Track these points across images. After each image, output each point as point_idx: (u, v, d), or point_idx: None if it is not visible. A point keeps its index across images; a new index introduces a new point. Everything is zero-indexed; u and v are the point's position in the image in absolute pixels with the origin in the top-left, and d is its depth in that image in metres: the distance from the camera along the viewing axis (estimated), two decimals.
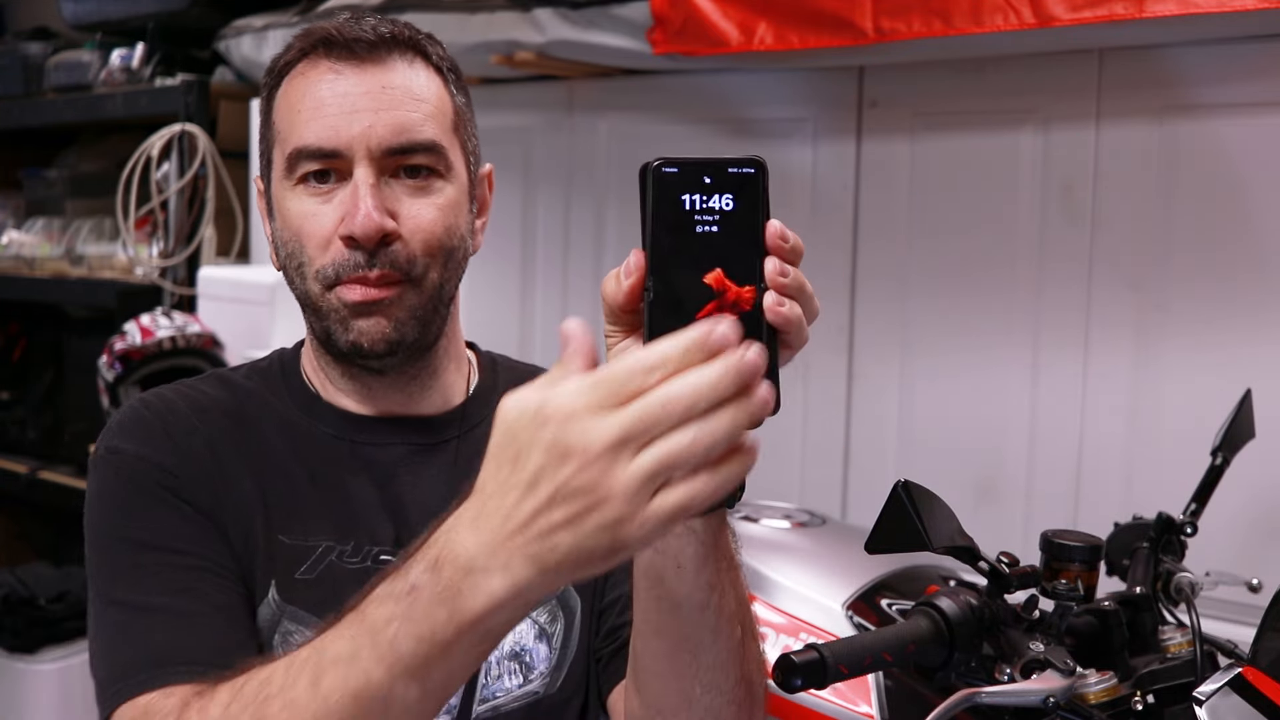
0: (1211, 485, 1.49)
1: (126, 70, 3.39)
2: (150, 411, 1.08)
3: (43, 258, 3.62)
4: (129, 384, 2.96)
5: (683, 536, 0.84)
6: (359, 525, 1.08)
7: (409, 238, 1.05)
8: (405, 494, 1.11)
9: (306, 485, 1.09)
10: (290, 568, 1.05)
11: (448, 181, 1.08)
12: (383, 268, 1.04)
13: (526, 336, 2.82)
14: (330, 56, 1.05)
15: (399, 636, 0.72)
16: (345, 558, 1.06)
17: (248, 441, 1.09)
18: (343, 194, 1.05)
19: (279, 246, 1.11)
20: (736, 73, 2.42)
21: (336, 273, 1.05)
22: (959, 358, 2.23)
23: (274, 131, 1.10)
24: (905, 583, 1.57)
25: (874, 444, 2.33)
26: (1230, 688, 1.09)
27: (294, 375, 1.16)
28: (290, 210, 1.07)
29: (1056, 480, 2.14)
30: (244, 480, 1.06)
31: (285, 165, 1.06)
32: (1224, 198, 1.97)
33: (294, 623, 1.03)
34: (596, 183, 2.70)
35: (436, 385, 1.15)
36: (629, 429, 0.63)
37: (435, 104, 1.08)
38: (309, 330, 1.13)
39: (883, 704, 1.41)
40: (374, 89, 1.04)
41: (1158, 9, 1.72)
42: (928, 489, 1.07)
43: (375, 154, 1.04)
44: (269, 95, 1.11)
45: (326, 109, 1.04)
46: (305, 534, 1.06)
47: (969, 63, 2.19)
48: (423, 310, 1.08)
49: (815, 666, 1.00)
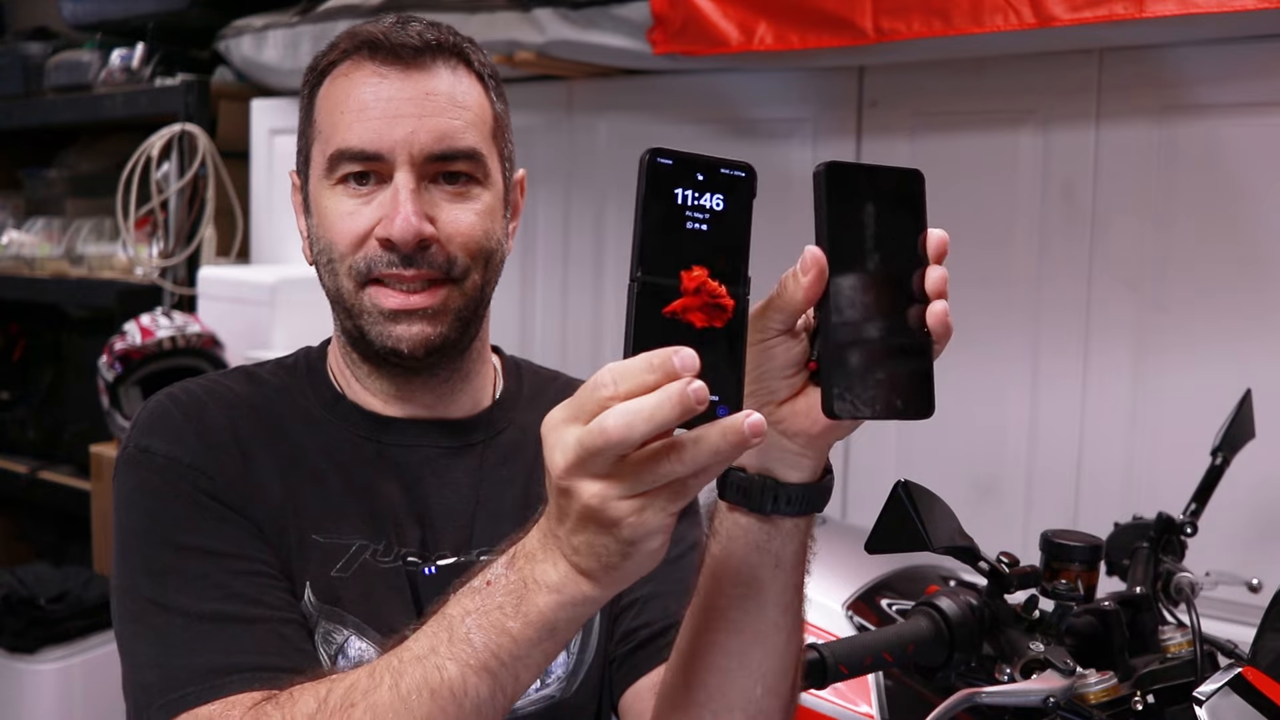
0: (1211, 485, 1.49)
1: (126, 70, 3.39)
2: (179, 409, 1.07)
3: (43, 258, 3.62)
4: (129, 384, 2.96)
5: (787, 534, 0.85)
6: (388, 525, 1.08)
7: (447, 242, 1.05)
8: (431, 497, 1.10)
9: (336, 484, 1.08)
10: (325, 567, 1.05)
11: (485, 188, 1.09)
12: (419, 268, 1.04)
13: (527, 336, 2.82)
14: (375, 60, 1.05)
15: (472, 629, 0.76)
16: (379, 556, 1.06)
17: (275, 439, 1.08)
18: (382, 196, 1.05)
19: (314, 242, 1.11)
20: (736, 73, 2.42)
21: (369, 266, 1.05)
22: (959, 357, 2.22)
23: (315, 129, 1.10)
24: (905, 583, 1.57)
25: (874, 444, 2.33)
26: (1230, 688, 1.09)
27: (320, 374, 1.16)
28: (328, 209, 1.07)
29: (1056, 480, 2.14)
30: (274, 479, 1.06)
31: (326, 165, 1.06)
32: (1224, 198, 1.97)
33: (332, 622, 1.03)
34: (596, 183, 2.69)
35: (467, 388, 1.15)
36: (584, 448, 0.66)
37: (477, 111, 1.08)
38: (338, 328, 1.12)
39: (883, 704, 1.41)
40: (418, 95, 1.05)
41: (1158, 9, 1.72)
42: (928, 489, 1.07)
43: (417, 160, 1.04)
44: (310, 93, 1.11)
45: (370, 112, 1.04)
46: (339, 532, 1.06)
47: (969, 63, 2.19)
48: (465, 311, 1.08)
49: (815, 666, 1.00)
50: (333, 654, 1.02)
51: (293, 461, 1.08)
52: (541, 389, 1.22)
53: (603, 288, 2.72)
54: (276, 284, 2.92)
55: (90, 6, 3.45)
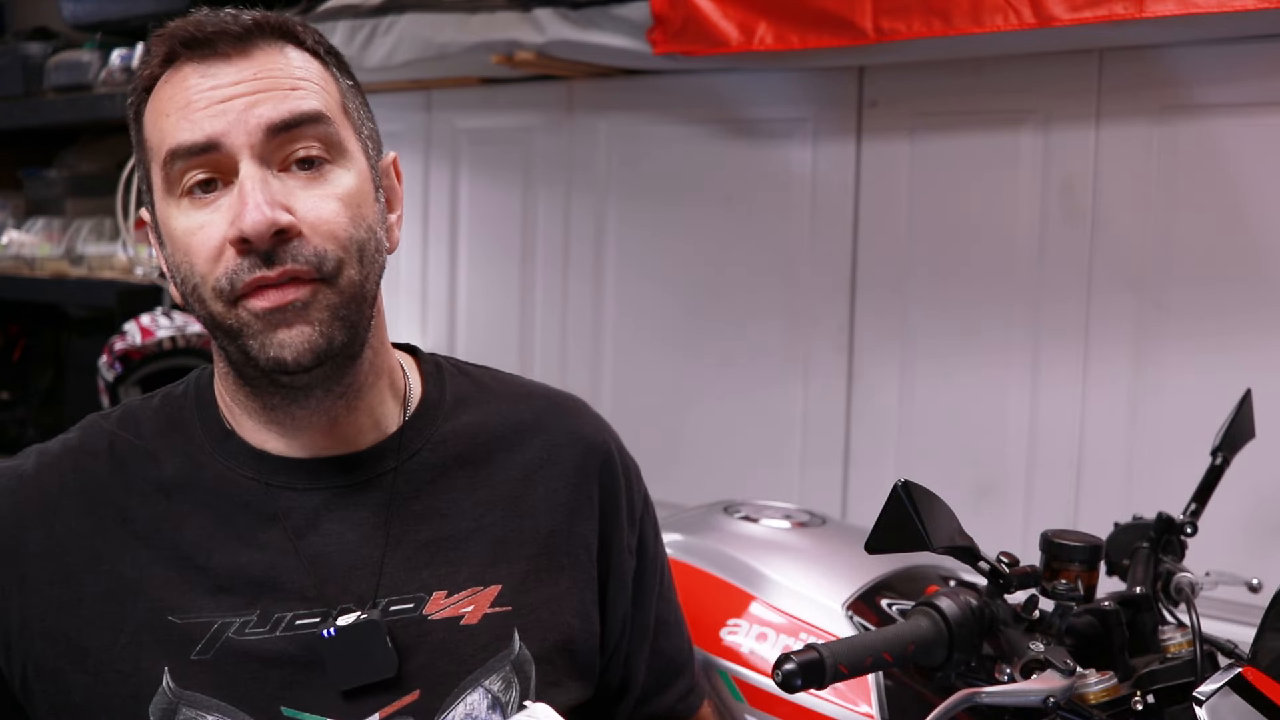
0: (1211, 485, 1.49)
1: (126, 70, 3.39)
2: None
3: (43, 258, 3.62)
4: (129, 384, 2.95)
5: None
6: (265, 589, 0.98)
7: (310, 233, 0.93)
8: (329, 543, 1.00)
9: (204, 552, 0.98)
10: (184, 650, 0.96)
11: (344, 169, 0.97)
12: (283, 264, 0.92)
13: (526, 336, 2.82)
14: (195, 58, 0.95)
15: None
16: (248, 630, 0.97)
17: (121, 517, 0.99)
18: (230, 199, 0.93)
19: (174, 272, 0.98)
20: (736, 73, 2.42)
21: (231, 281, 0.92)
22: (959, 357, 2.23)
23: (147, 149, 0.98)
24: (905, 583, 1.57)
25: (874, 444, 2.33)
26: (1230, 688, 1.09)
27: (209, 405, 1.05)
28: (177, 228, 0.95)
29: (1056, 480, 2.14)
30: (118, 564, 0.97)
31: (163, 177, 0.95)
32: (1224, 198, 1.98)
33: (192, 708, 0.95)
34: (596, 183, 2.69)
35: (363, 405, 1.02)
36: None
37: (317, 82, 0.97)
38: (220, 358, 1.01)
39: (883, 704, 1.41)
40: (246, 77, 0.94)
41: (1158, 9, 1.72)
42: (928, 489, 1.07)
43: (256, 138, 0.93)
44: (137, 115, 1.00)
45: (196, 104, 0.93)
46: (198, 609, 0.97)
47: (969, 63, 2.19)
48: (345, 311, 0.95)
49: (815, 666, 1.00)
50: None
51: (151, 535, 0.98)
52: (469, 393, 1.11)
53: (603, 288, 2.72)
54: None
55: (90, 6, 3.45)
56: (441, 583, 1.01)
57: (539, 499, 1.07)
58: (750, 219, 2.45)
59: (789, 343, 2.43)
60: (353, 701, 0.96)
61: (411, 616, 0.99)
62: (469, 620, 1.01)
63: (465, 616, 1.01)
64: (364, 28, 2.54)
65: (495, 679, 1.01)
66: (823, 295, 2.39)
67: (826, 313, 2.39)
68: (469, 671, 1.00)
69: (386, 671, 0.96)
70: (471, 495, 1.05)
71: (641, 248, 2.65)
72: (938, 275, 2.26)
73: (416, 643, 0.99)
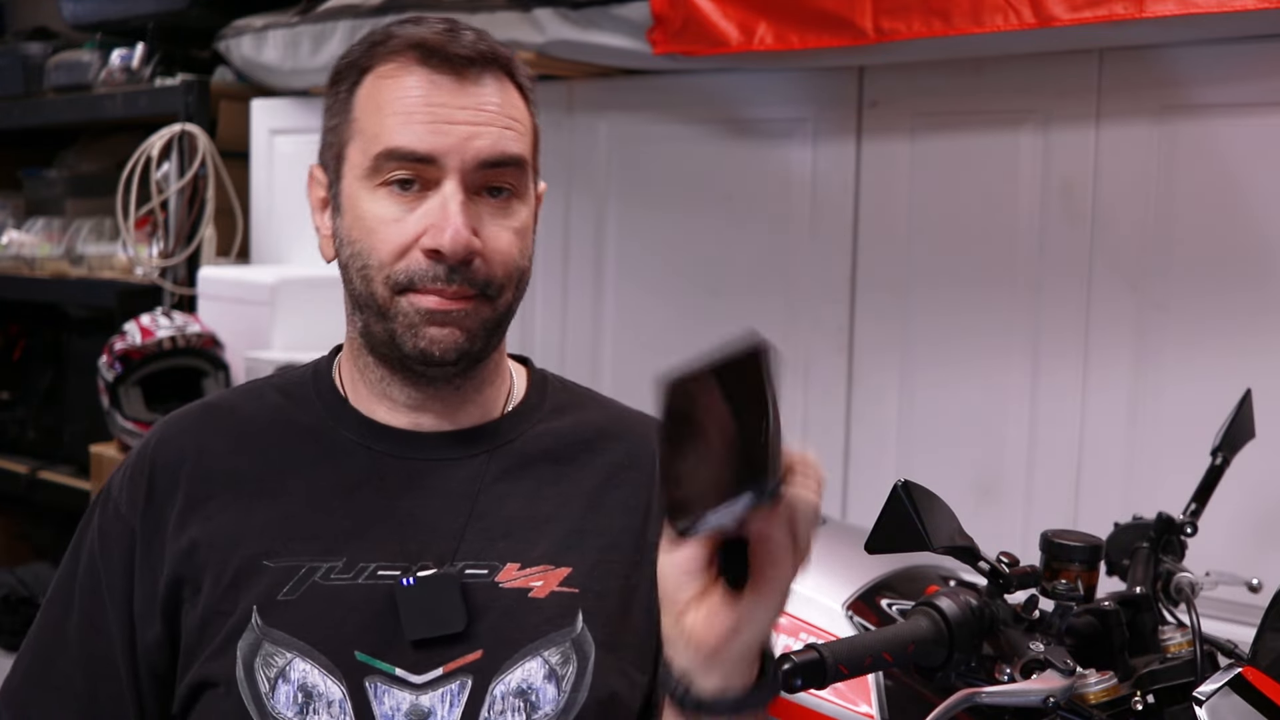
0: (1211, 485, 1.50)
1: (126, 70, 3.39)
2: (143, 452, 1.13)
3: (43, 258, 3.62)
4: (129, 384, 2.95)
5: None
6: (354, 539, 1.06)
7: (489, 259, 1.04)
8: (418, 507, 1.08)
9: (304, 503, 1.08)
10: (272, 590, 1.04)
11: (523, 204, 1.08)
12: (461, 284, 1.03)
13: (526, 336, 2.82)
14: (427, 65, 1.03)
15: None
16: (334, 575, 1.05)
17: (246, 465, 1.10)
18: (428, 205, 1.03)
19: (344, 244, 1.08)
20: (736, 73, 2.42)
21: (410, 280, 1.03)
22: (959, 357, 2.23)
23: (353, 127, 1.07)
24: (905, 583, 1.57)
25: (874, 444, 2.34)
26: (1230, 688, 1.09)
27: (326, 377, 1.16)
28: (367, 211, 1.04)
29: (1056, 480, 2.14)
30: (228, 510, 1.08)
31: (370, 164, 1.04)
32: (1224, 198, 1.98)
33: (274, 645, 1.03)
34: (596, 183, 2.69)
35: (478, 399, 1.13)
36: None
37: (524, 123, 1.08)
38: (358, 331, 1.10)
39: (883, 704, 1.41)
40: (471, 104, 1.03)
41: (1158, 9, 1.72)
42: (928, 489, 1.07)
43: (469, 166, 1.02)
44: (350, 89, 1.07)
45: (422, 115, 1.02)
46: (291, 554, 1.05)
47: (969, 63, 2.19)
48: (493, 324, 1.07)
49: (815, 666, 1.00)
50: (272, 677, 1.02)
51: (259, 486, 1.08)
52: (566, 404, 1.20)
53: (602, 287, 2.72)
54: (276, 284, 2.92)
55: (90, 6, 3.45)
56: (516, 556, 1.07)
57: (617, 499, 1.13)
58: (750, 219, 2.45)
59: (789, 343, 2.42)
60: (421, 652, 1.02)
61: (484, 581, 1.05)
62: (537, 594, 1.06)
63: (534, 590, 1.06)
64: (364, 28, 2.54)
65: (554, 652, 1.06)
66: (822, 295, 2.39)
67: (826, 313, 2.39)
68: (531, 640, 1.04)
69: (455, 625, 1.03)
70: (555, 486, 1.12)
71: (641, 247, 2.65)
72: (938, 276, 2.26)
73: (486, 605, 1.04)
